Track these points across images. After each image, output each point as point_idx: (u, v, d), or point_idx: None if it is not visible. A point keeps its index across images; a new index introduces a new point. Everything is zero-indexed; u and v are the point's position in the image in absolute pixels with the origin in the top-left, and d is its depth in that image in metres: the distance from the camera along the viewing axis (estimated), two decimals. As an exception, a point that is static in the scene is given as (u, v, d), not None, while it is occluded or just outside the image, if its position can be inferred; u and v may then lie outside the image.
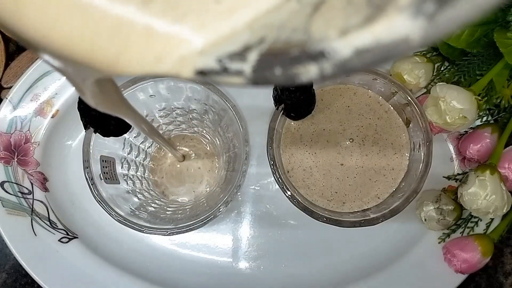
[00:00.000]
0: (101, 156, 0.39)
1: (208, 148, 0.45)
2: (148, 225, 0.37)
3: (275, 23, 0.12)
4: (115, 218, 0.36)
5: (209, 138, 0.45)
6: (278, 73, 0.12)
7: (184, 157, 0.44)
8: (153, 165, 0.45)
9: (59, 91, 0.43)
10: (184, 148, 0.45)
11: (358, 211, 0.39)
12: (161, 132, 0.43)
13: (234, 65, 0.12)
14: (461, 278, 0.40)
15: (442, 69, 0.43)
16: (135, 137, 0.42)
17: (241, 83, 0.13)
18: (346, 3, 0.11)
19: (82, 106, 0.35)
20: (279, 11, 0.12)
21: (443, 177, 0.43)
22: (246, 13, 0.12)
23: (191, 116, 0.43)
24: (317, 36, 0.11)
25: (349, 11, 0.11)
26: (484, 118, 0.42)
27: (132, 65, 0.13)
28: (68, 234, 0.42)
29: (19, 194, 0.42)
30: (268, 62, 0.12)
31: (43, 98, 0.43)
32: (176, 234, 0.36)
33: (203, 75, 0.13)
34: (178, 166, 0.45)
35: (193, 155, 0.45)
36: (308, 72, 0.12)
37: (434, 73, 0.42)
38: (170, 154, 0.45)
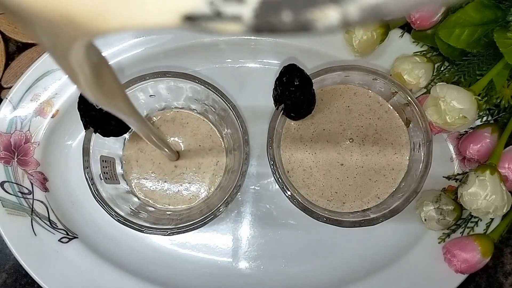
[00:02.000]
0: (101, 156, 0.39)
1: (208, 149, 0.44)
2: (148, 225, 0.37)
3: None
4: (115, 218, 0.36)
5: (210, 138, 0.44)
6: (287, 19, 0.10)
7: (178, 156, 0.42)
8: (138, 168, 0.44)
9: (59, 91, 0.43)
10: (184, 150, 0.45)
11: (358, 211, 0.39)
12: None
13: (230, 9, 0.10)
14: (461, 278, 0.40)
15: (442, 69, 0.43)
16: (135, 137, 0.42)
17: (239, 31, 0.10)
18: None
19: (82, 106, 0.35)
20: None
21: (443, 177, 0.43)
22: None
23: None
24: None
25: None
26: (484, 118, 0.42)
27: (110, 20, 0.11)
28: (68, 234, 0.42)
29: (19, 194, 0.42)
30: (273, 4, 0.09)
31: (43, 98, 0.43)
32: (176, 234, 0.36)
33: (191, 22, 0.10)
34: (175, 166, 0.42)
35: (192, 156, 0.44)
36: (327, 18, 0.09)
37: (434, 73, 0.42)
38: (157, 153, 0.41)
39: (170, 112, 0.43)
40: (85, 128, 0.37)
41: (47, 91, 0.43)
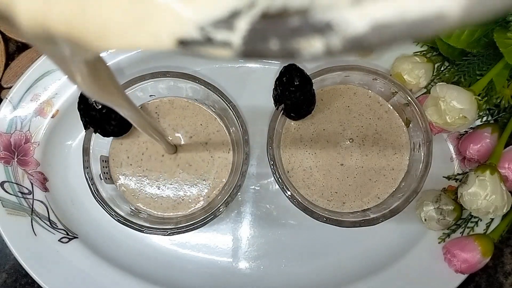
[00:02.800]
0: (101, 156, 0.39)
1: (215, 130, 0.41)
2: (148, 225, 0.37)
3: None
4: (115, 218, 0.36)
5: (215, 120, 0.42)
6: (274, 47, 0.10)
7: (176, 149, 0.40)
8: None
9: (59, 91, 0.43)
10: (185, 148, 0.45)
11: (358, 211, 0.39)
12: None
13: (220, 35, 0.10)
14: (461, 278, 0.40)
15: (442, 69, 0.43)
16: (135, 137, 0.42)
17: (229, 56, 0.11)
18: None
19: (82, 106, 0.35)
20: None
21: (443, 177, 0.43)
22: None
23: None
24: (323, 2, 0.09)
25: None
26: (484, 118, 0.42)
27: (112, 41, 0.12)
28: (68, 234, 0.42)
29: (19, 194, 0.42)
30: (261, 32, 0.10)
31: (43, 98, 0.43)
32: (176, 234, 0.36)
33: (184, 46, 0.11)
34: (174, 163, 0.40)
35: (193, 148, 0.43)
36: (312, 47, 0.10)
37: (434, 73, 0.42)
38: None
39: (167, 97, 0.41)
40: (85, 128, 0.37)
41: (47, 91, 0.43)
